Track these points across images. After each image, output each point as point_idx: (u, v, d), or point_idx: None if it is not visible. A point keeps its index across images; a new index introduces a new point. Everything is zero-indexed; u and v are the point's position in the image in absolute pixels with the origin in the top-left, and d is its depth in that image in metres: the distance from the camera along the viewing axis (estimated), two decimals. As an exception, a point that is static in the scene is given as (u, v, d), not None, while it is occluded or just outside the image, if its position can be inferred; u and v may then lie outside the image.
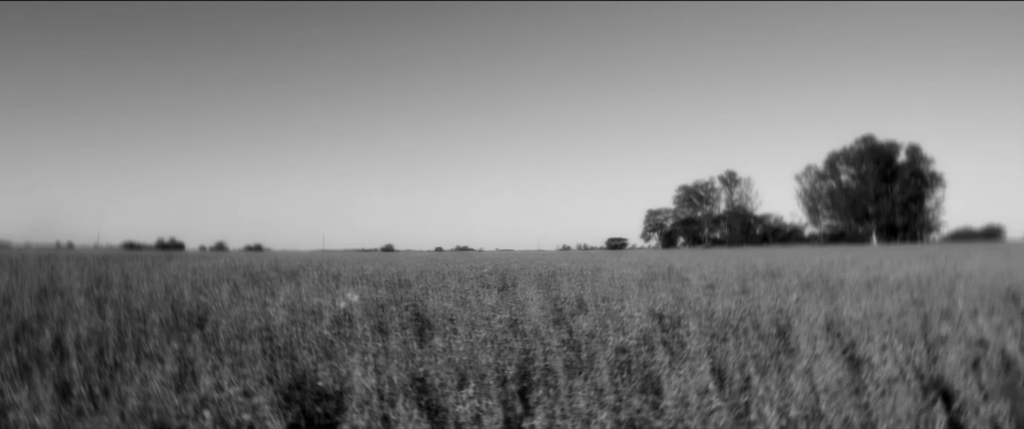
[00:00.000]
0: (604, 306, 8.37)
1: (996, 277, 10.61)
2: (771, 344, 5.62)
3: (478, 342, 5.77)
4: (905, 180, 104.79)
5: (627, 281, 12.93)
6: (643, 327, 6.47)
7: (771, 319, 6.79)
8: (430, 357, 5.33)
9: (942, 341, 5.61)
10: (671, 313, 7.52)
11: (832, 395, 3.88)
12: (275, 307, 8.37)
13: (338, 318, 7.76)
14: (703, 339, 5.69)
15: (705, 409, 3.59)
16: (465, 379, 4.80)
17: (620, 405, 3.97)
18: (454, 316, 7.70)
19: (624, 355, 5.44)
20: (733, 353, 5.10)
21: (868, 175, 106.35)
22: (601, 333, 6.26)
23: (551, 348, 5.52)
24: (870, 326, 6.05)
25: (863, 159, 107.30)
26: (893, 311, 6.95)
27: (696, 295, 9.15)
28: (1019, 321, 6.15)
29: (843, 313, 6.90)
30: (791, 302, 7.95)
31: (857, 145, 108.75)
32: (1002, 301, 7.76)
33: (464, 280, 13.97)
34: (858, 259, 21.44)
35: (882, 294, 8.59)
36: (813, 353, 4.95)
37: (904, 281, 10.66)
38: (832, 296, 8.69)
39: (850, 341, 5.72)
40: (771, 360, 5.01)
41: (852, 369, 4.69)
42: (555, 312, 8.31)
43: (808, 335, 5.58)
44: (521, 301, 9.35)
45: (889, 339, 5.18)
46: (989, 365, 4.60)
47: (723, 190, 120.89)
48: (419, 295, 10.63)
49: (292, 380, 5.03)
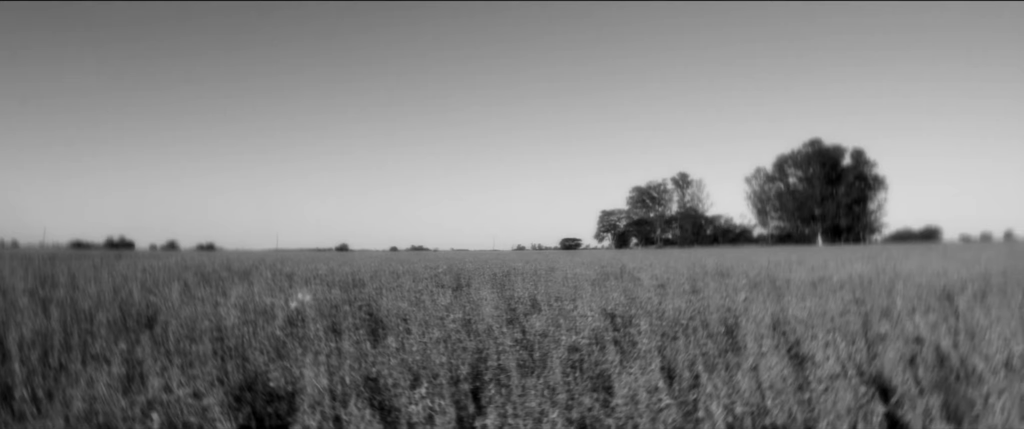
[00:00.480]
0: (557, 306, 8.42)
1: (932, 277, 10.96)
2: (719, 342, 5.72)
3: (432, 342, 5.76)
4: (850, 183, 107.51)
5: (580, 281, 13.01)
6: (595, 326, 6.53)
7: (720, 318, 6.92)
8: (383, 357, 5.30)
9: (881, 338, 5.78)
10: (623, 312, 7.61)
11: (777, 392, 3.97)
12: (227, 307, 8.24)
13: (291, 318, 7.68)
14: (654, 338, 5.77)
15: (655, 407, 3.65)
16: (418, 379, 4.79)
17: (572, 403, 4.01)
18: (408, 316, 7.67)
19: (576, 354, 5.48)
20: (683, 351, 5.18)
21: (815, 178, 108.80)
22: (554, 332, 6.30)
23: (504, 347, 5.54)
24: (814, 325, 6.20)
25: (810, 162, 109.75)
26: (836, 310, 7.13)
27: (647, 295, 9.27)
28: (953, 318, 6.37)
29: (789, 312, 7.06)
30: (739, 302, 8.10)
31: (805, 148, 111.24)
32: (937, 300, 8.02)
33: (418, 280, 13.92)
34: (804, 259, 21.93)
35: (826, 293, 8.81)
36: (759, 351, 5.06)
37: (847, 281, 10.94)
38: (778, 296, 8.88)
39: (795, 339, 5.85)
40: (719, 358, 5.11)
41: (796, 366, 4.80)
42: (509, 312, 8.33)
43: (755, 334, 5.70)
44: (475, 301, 9.35)
45: (832, 337, 5.32)
46: (924, 361, 4.76)
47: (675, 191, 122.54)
48: (373, 295, 10.56)
49: (243, 381, 4.97)
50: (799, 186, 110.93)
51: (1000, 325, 5.40)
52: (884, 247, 53.81)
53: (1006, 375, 4.07)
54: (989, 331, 5.29)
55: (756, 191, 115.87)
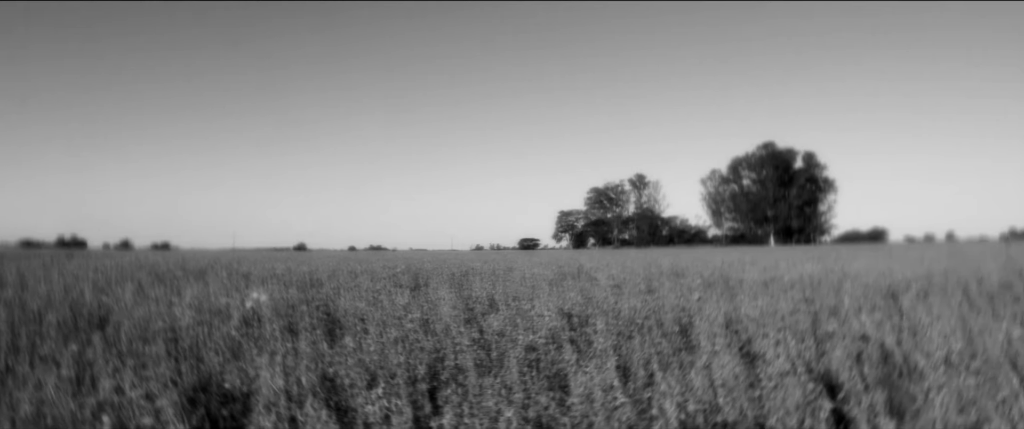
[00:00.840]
0: (515, 305, 8.44)
1: (878, 276, 11.24)
2: (674, 341, 5.80)
3: (389, 342, 5.74)
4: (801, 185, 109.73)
5: (538, 281, 13.05)
6: (552, 326, 6.56)
7: (674, 317, 7.00)
8: (340, 357, 5.26)
9: (829, 337, 5.92)
10: (579, 312, 7.66)
11: (729, 389, 4.04)
12: (181, 307, 8.09)
13: (247, 318, 7.57)
14: (610, 337, 5.82)
15: (610, 405, 3.68)
16: (375, 379, 4.77)
17: (528, 403, 4.03)
18: (366, 316, 7.63)
19: (533, 353, 5.51)
20: (638, 350, 5.24)
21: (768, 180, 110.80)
22: (511, 332, 6.32)
23: (462, 347, 5.54)
24: (766, 323, 6.32)
25: (764, 165, 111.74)
26: (787, 309, 7.27)
27: (604, 294, 9.34)
28: (897, 317, 6.54)
29: (741, 311, 7.18)
30: (693, 301, 8.22)
31: (758, 151, 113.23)
32: (883, 299, 8.23)
33: (376, 280, 13.83)
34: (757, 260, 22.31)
35: (777, 293, 8.98)
36: (712, 349, 5.14)
37: (797, 281, 11.17)
38: (732, 295, 9.03)
39: (747, 338, 5.96)
40: (673, 357, 5.18)
41: (748, 364, 4.89)
42: (467, 311, 8.33)
43: (708, 333, 5.78)
44: (433, 300, 9.33)
45: (782, 336, 5.42)
46: (870, 358, 4.89)
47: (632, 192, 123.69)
48: (330, 295, 10.47)
49: (197, 382, 4.89)
50: (753, 188, 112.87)
51: (941, 323, 5.57)
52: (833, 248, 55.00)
53: (945, 371, 4.19)
54: (930, 329, 5.45)
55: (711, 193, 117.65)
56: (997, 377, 3.75)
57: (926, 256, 21.09)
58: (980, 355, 4.46)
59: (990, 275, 10.69)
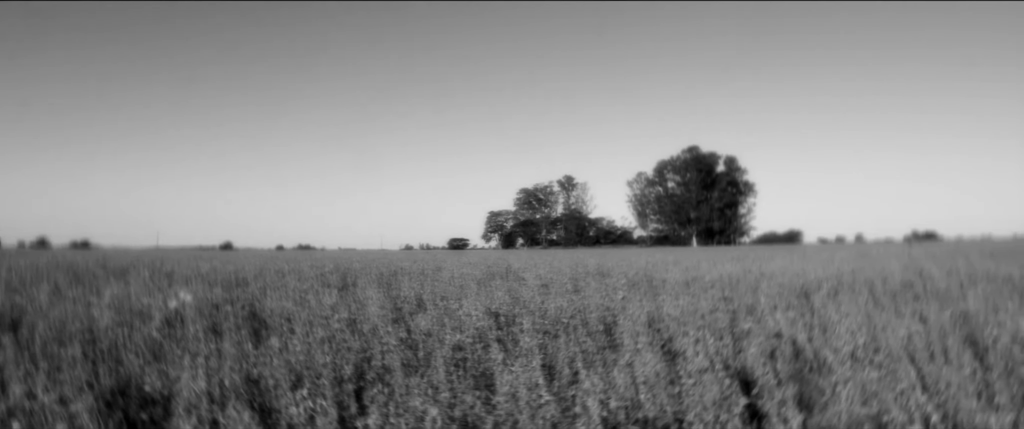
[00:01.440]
0: (443, 305, 8.43)
1: (793, 276, 11.66)
2: (598, 340, 5.89)
3: (316, 342, 5.65)
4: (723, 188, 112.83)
5: (466, 280, 13.06)
6: (480, 325, 6.58)
7: (599, 317, 7.11)
8: (266, 358, 5.16)
9: (746, 334, 6.11)
10: (507, 312, 7.70)
11: (650, 386, 4.13)
12: (100, 308, 7.78)
13: (169, 319, 7.34)
14: (536, 336, 5.87)
15: (534, 403, 3.72)
16: (301, 379, 4.70)
17: (454, 402, 4.03)
18: (292, 316, 7.50)
19: (461, 353, 5.51)
20: (563, 349, 5.30)
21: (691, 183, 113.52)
22: (439, 332, 6.31)
23: (389, 347, 5.50)
24: (686, 322, 6.48)
25: (688, 168, 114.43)
26: (707, 308, 7.47)
27: (531, 294, 9.41)
28: (809, 315, 6.80)
29: (663, 310, 7.34)
30: (618, 301, 8.35)
31: (683, 155, 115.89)
32: (796, 298, 8.55)
33: (304, 279, 13.61)
34: (679, 260, 22.82)
35: (698, 293, 9.22)
36: (635, 348, 5.24)
37: (717, 280, 11.49)
38: (655, 295, 9.22)
39: (668, 336, 6.10)
40: (597, 355, 5.26)
41: (669, 362, 5.01)
42: (395, 311, 8.28)
43: (631, 331, 5.89)
44: (361, 300, 9.23)
45: (702, 334, 5.56)
46: (783, 354, 5.07)
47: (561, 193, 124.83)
48: (257, 294, 10.24)
49: (116, 385, 4.71)
50: (677, 190, 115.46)
51: (848, 320, 5.82)
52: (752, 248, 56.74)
53: (851, 365, 4.39)
54: (839, 326, 5.68)
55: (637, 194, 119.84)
56: (897, 371, 3.94)
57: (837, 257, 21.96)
58: (883, 350, 4.67)
59: (893, 275, 11.22)
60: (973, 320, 5.94)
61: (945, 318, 5.96)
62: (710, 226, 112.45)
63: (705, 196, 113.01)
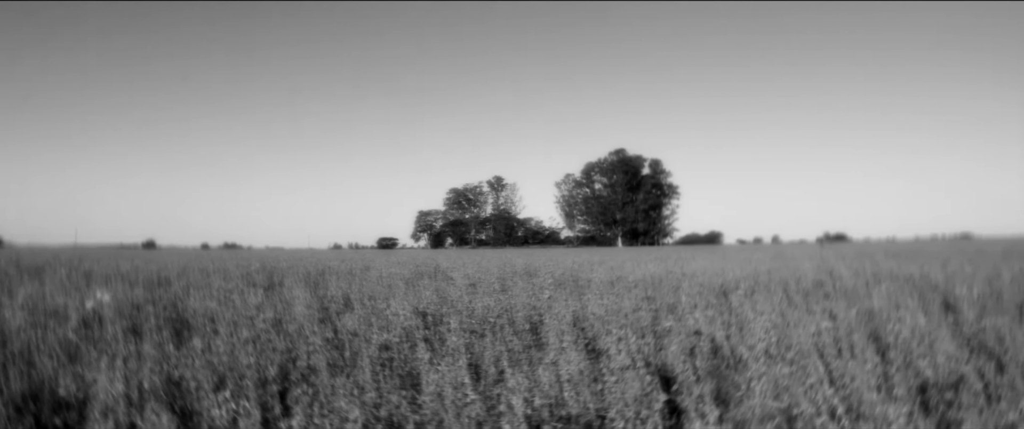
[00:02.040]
0: (371, 305, 8.35)
1: (712, 276, 11.98)
2: (524, 339, 5.93)
3: (240, 342, 5.52)
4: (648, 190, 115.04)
5: (394, 280, 12.96)
6: (407, 325, 6.54)
7: (526, 316, 7.16)
8: (188, 359, 5.00)
9: (667, 332, 6.25)
10: (434, 311, 7.67)
11: (574, 384, 4.18)
12: (12, 308, 7.40)
13: (86, 320, 7.05)
14: (463, 335, 5.87)
15: (460, 402, 3.72)
16: (224, 381, 4.58)
17: (380, 402, 3.99)
18: (216, 316, 7.30)
19: (388, 352, 5.47)
20: (490, 348, 5.31)
21: (617, 185, 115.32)
22: (366, 331, 6.24)
23: (315, 347, 5.41)
24: (610, 321, 6.58)
25: (614, 170, 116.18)
26: (630, 307, 7.60)
27: (459, 294, 9.40)
28: (727, 313, 7.01)
29: (588, 310, 7.44)
30: (544, 300, 8.43)
31: (610, 157, 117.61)
32: (715, 297, 8.79)
33: (229, 278, 13.27)
34: (605, 260, 23.16)
35: (622, 292, 9.38)
36: (560, 346, 5.29)
37: (641, 280, 11.71)
38: (580, 294, 9.33)
39: (593, 335, 6.19)
40: (523, 354, 5.30)
41: (593, 360, 5.08)
42: (321, 311, 8.15)
43: (557, 330, 5.95)
44: (288, 300, 9.06)
45: (625, 332, 5.65)
46: (702, 352, 5.20)
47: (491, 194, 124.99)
48: (180, 294, 9.93)
49: (27, 389, 4.49)
50: (604, 192, 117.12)
51: (763, 318, 6.01)
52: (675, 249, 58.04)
53: (766, 361, 4.54)
54: (754, 323, 5.86)
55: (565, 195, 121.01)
56: (807, 366, 4.10)
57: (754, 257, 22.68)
58: (795, 346, 4.85)
59: (806, 275, 11.66)
60: (877, 317, 6.22)
61: (852, 315, 6.23)
62: (635, 227, 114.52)
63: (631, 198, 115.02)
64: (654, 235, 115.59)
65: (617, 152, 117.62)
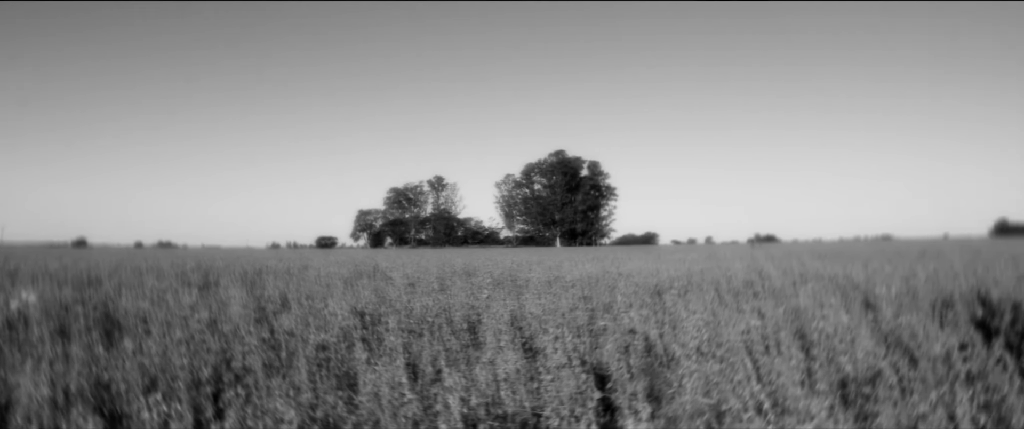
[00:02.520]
0: (308, 304, 8.22)
1: (647, 276, 12.18)
2: (462, 338, 5.92)
3: (173, 343, 5.36)
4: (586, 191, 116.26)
5: (333, 279, 12.79)
6: (345, 325, 6.46)
7: (464, 316, 7.15)
8: (118, 361, 4.83)
9: (603, 331, 6.33)
10: (373, 310, 7.60)
11: (511, 383, 4.20)
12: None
13: (10, 321, 6.75)
14: (401, 335, 5.83)
15: (397, 402, 3.70)
16: (155, 383, 4.44)
17: (317, 402, 3.93)
18: (149, 316, 7.08)
19: (325, 352, 5.39)
20: (428, 348, 5.29)
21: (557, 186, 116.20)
22: (303, 331, 6.14)
23: (250, 347, 5.30)
24: (547, 320, 6.62)
25: (554, 171, 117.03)
26: (567, 306, 7.67)
27: (397, 293, 9.33)
28: (661, 312, 7.13)
29: (526, 309, 7.47)
30: (482, 300, 8.43)
31: (550, 158, 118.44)
32: (650, 296, 8.93)
33: (163, 278, 12.88)
34: (543, 260, 23.30)
35: (559, 292, 9.45)
36: (497, 345, 5.31)
37: (578, 280, 11.82)
38: (518, 294, 9.37)
39: (530, 334, 6.22)
40: (461, 353, 5.29)
41: (530, 359, 5.11)
42: (258, 310, 7.98)
43: (494, 330, 5.96)
44: (223, 300, 8.84)
45: (561, 331, 5.71)
46: (636, 350, 5.29)
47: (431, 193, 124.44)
48: (111, 294, 9.58)
49: (-60, 395, 4.26)
50: (543, 193, 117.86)
51: (695, 317, 6.14)
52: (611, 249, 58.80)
53: (697, 359, 4.64)
54: (687, 322, 5.99)
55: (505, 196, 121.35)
56: (736, 363, 4.21)
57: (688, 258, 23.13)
58: (724, 344, 4.97)
59: (737, 274, 11.95)
60: (803, 315, 6.41)
61: (779, 314, 6.41)
62: (573, 227, 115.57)
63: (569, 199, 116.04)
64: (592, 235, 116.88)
65: (557, 153, 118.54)
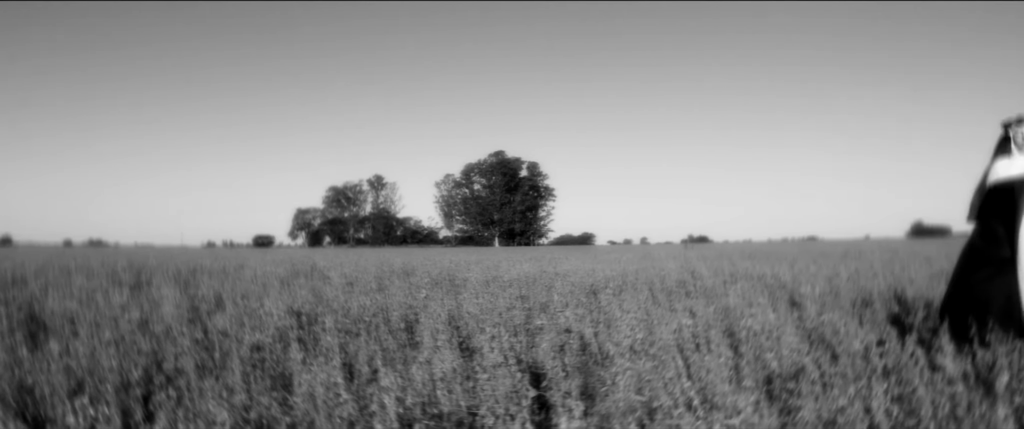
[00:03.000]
0: (243, 304, 8.04)
1: (584, 276, 12.31)
2: (399, 338, 5.88)
3: (102, 344, 5.17)
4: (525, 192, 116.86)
5: (269, 279, 12.55)
6: (281, 324, 6.35)
7: (401, 315, 7.10)
8: (43, 363, 4.63)
9: (539, 330, 6.37)
10: (310, 310, 7.48)
11: (447, 382, 4.18)
12: None
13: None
14: (337, 335, 5.75)
15: (332, 403, 3.64)
16: (82, 386, 4.27)
17: (250, 404, 3.85)
18: (77, 317, 6.82)
19: (260, 353, 5.28)
20: (364, 348, 5.23)
21: (496, 186, 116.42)
22: (237, 331, 6.00)
23: (183, 348, 5.15)
24: (485, 320, 6.63)
25: (493, 172, 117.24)
26: (504, 306, 7.69)
27: (335, 293, 9.21)
28: (596, 311, 7.22)
29: (464, 308, 7.47)
30: (420, 299, 8.39)
31: (489, 158, 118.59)
32: (586, 295, 9.04)
33: (93, 277, 12.42)
34: (482, 260, 23.32)
35: (497, 291, 9.47)
36: (435, 345, 5.28)
37: (515, 280, 11.87)
38: (456, 293, 9.35)
39: (467, 333, 6.21)
40: (398, 353, 5.25)
41: (466, 358, 5.11)
42: (191, 310, 7.77)
43: (432, 329, 5.94)
44: (156, 299, 8.58)
45: (498, 330, 5.72)
46: (571, 348, 5.34)
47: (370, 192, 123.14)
48: (37, 294, 9.19)
49: None
50: (482, 193, 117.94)
51: (629, 316, 6.24)
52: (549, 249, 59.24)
53: (630, 357, 4.71)
54: (621, 321, 6.08)
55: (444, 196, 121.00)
56: (667, 361, 4.29)
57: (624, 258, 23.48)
58: (657, 342, 5.06)
59: (670, 274, 12.18)
60: (732, 314, 6.58)
61: (710, 313, 6.56)
62: (512, 228, 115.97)
63: (508, 199, 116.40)
64: (530, 236, 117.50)
65: (496, 154, 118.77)
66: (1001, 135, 4.97)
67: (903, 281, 9.98)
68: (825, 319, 6.02)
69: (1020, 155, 4.79)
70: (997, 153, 4.95)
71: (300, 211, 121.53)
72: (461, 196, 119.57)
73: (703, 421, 3.29)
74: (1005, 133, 4.94)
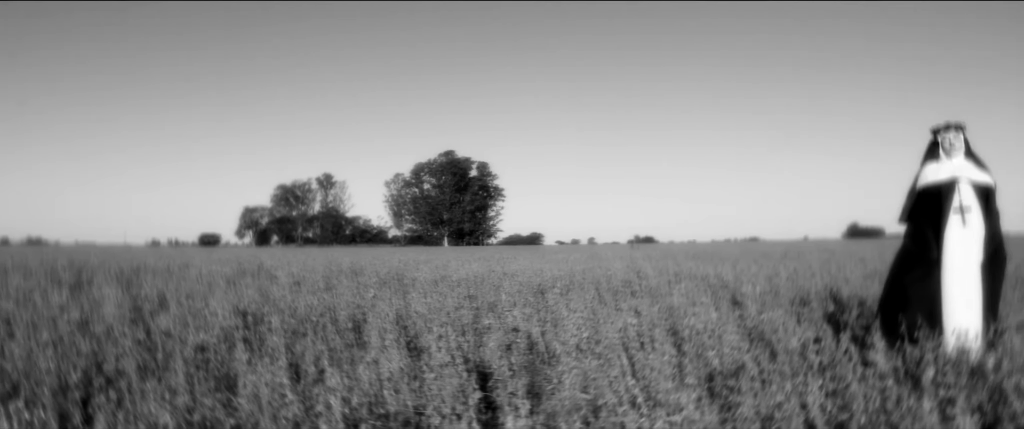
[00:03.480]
0: (188, 304, 7.85)
1: (532, 276, 12.35)
2: (346, 338, 5.81)
3: (39, 346, 4.99)
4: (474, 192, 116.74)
5: (215, 278, 12.28)
6: (226, 325, 6.21)
7: (349, 315, 7.02)
8: (-26, 366, 4.45)
9: (487, 330, 6.37)
10: (256, 310, 7.34)
11: (394, 382, 4.15)
12: None
13: None
14: (284, 335, 5.66)
15: (277, 404, 3.59)
16: (17, 389, 4.12)
17: (194, 405, 3.76)
18: (12, 317, 6.56)
19: (204, 354, 5.16)
20: (311, 348, 5.16)
21: (446, 186, 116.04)
22: (181, 332, 5.86)
23: (124, 349, 5.00)
24: (432, 319, 6.60)
25: (443, 171, 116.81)
26: (452, 305, 7.67)
27: (282, 292, 9.06)
28: (543, 311, 7.26)
29: (412, 308, 7.42)
30: (368, 299, 8.31)
31: (439, 158, 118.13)
32: (533, 295, 9.07)
33: (31, 276, 11.97)
34: (431, 259, 23.21)
35: (445, 291, 9.44)
36: (382, 345, 5.24)
37: (464, 279, 11.84)
38: (404, 293, 9.29)
39: (415, 333, 6.18)
40: (345, 353, 5.19)
41: (414, 358, 5.08)
42: (134, 311, 7.55)
43: (379, 329, 5.89)
44: (96, 299, 8.31)
45: (446, 330, 5.71)
46: (518, 347, 5.36)
47: (319, 191, 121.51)
48: (-32, 294, 8.82)
49: None
50: (432, 192, 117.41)
51: (576, 315, 6.29)
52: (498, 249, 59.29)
53: (577, 356, 4.75)
54: (568, 320, 6.12)
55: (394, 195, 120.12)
56: (613, 359, 4.34)
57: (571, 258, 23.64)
58: (603, 341, 5.11)
59: (616, 274, 12.32)
60: (676, 313, 6.69)
61: (655, 312, 6.65)
62: (461, 227, 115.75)
63: (458, 199, 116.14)
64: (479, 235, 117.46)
65: (446, 154, 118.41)
66: (930, 140, 5.19)
67: (839, 281, 10.30)
68: (765, 318, 6.17)
69: (947, 160, 5.01)
70: (926, 158, 5.17)
71: (248, 209, 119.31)
72: (411, 195, 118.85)
73: (647, 418, 3.34)
74: (934, 139, 5.15)
